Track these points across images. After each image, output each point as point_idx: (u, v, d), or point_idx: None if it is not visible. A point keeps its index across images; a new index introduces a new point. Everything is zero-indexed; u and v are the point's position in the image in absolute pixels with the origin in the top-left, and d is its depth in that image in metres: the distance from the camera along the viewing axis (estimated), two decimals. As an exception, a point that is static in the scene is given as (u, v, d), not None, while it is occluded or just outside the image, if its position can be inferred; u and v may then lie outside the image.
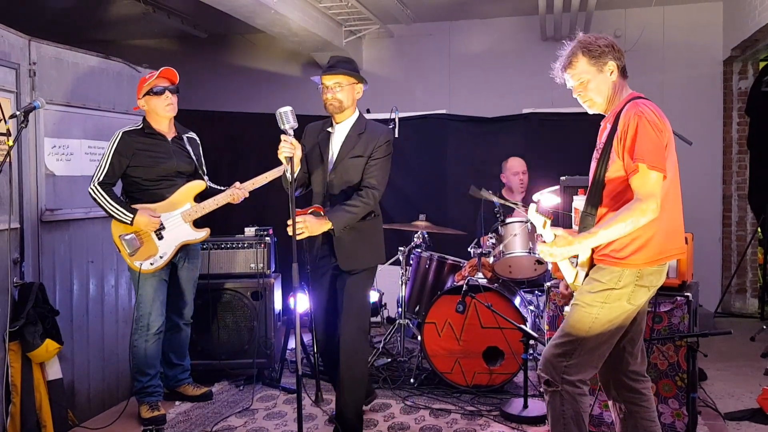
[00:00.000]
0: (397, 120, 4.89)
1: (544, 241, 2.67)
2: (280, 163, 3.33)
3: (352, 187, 3.46)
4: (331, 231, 3.34)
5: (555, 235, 2.63)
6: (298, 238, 3.19)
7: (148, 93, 3.92)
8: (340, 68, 3.47)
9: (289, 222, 3.13)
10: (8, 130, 3.45)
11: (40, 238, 3.78)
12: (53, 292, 3.85)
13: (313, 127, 3.67)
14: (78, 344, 4.03)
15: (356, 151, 3.46)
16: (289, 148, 3.18)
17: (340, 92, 3.44)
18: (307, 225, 3.26)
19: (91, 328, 4.15)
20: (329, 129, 3.56)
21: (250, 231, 4.77)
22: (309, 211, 3.36)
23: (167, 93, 3.94)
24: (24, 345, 3.44)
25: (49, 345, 3.49)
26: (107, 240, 4.06)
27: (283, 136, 3.18)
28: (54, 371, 3.62)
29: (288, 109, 3.13)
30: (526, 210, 2.74)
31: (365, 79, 3.58)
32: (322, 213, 3.36)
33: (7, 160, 3.24)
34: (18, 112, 3.31)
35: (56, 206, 3.90)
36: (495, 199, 4.40)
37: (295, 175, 3.26)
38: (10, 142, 3.26)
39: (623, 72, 2.74)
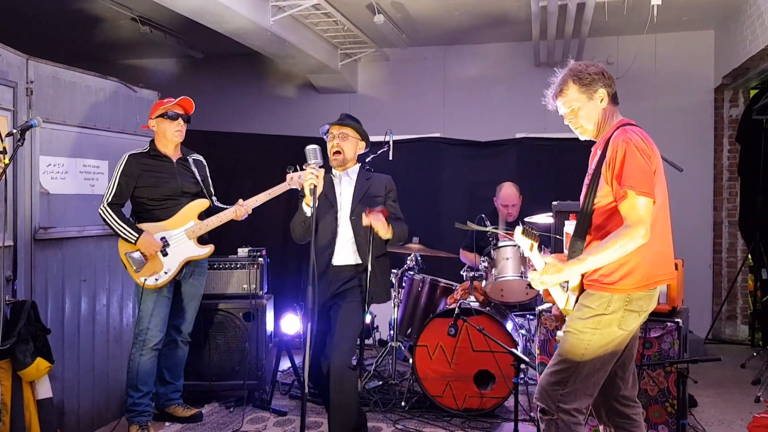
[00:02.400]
0: (391, 143, 4.92)
1: (535, 269, 2.69)
2: (278, 183, 3.39)
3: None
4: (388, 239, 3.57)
5: (545, 263, 2.65)
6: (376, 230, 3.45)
7: (161, 116, 4.03)
8: (349, 121, 3.72)
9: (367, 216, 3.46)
10: (4, 148, 3.45)
11: (33, 256, 3.77)
12: (45, 311, 3.83)
13: None
14: (68, 363, 4.00)
15: (372, 191, 3.68)
16: (314, 178, 3.32)
17: (344, 141, 3.67)
18: (380, 220, 3.45)
19: (82, 347, 4.13)
20: (332, 175, 3.71)
21: (243, 252, 4.77)
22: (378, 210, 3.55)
23: (180, 120, 4.07)
24: (15, 363, 3.41)
25: (40, 364, 3.46)
26: (100, 259, 4.05)
27: (308, 166, 3.33)
28: (44, 390, 3.59)
29: (318, 147, 3.34)
30: (512, 234, 2.76)
31: (368, 140, 3.80)
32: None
33: (2, 178, 3.25)
34: (15, 131, 3.31)
35: (50, 224, 3.89)
36: (481, 228, 4.43)
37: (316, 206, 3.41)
38: (6, 160, 3.26)
39: (614, 99, 2.78)
